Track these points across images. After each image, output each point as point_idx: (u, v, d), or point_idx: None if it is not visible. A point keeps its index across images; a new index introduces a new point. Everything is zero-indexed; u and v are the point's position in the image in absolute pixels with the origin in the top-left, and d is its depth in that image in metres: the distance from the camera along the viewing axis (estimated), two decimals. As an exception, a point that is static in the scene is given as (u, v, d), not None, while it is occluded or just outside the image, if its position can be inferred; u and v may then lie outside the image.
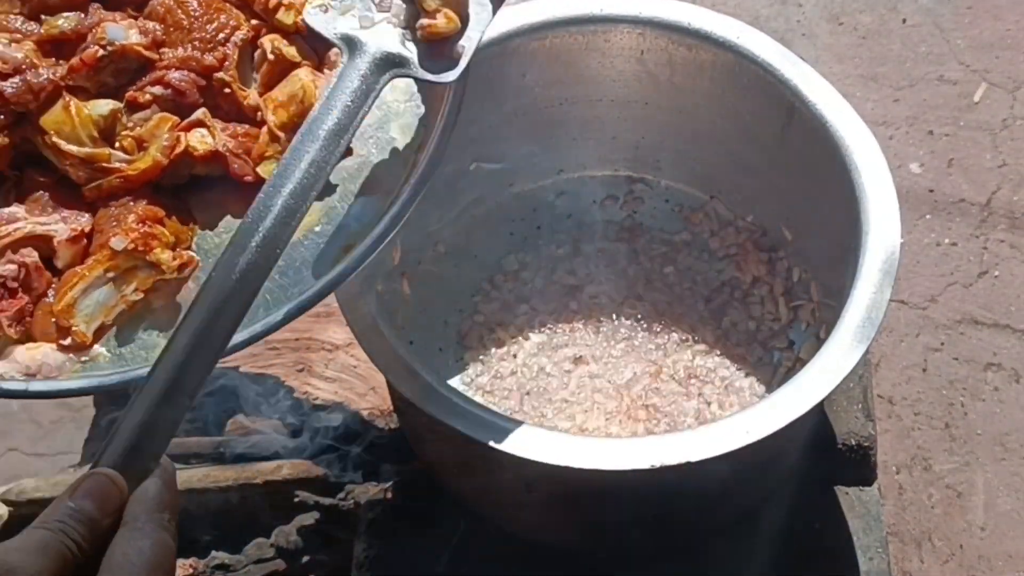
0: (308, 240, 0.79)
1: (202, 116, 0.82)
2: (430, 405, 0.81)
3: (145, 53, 0.83)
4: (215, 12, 0.85)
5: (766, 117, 1.04)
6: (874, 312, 0.83)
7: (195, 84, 0.83)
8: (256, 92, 0.85)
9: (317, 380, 1.22)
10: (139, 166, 0.80)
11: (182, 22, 0.84)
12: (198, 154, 0.80)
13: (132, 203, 0.79)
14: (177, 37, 0.84)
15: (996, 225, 1.86)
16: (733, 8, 2.19)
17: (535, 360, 1.10)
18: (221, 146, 0.81)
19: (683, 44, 1.04)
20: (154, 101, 0.82)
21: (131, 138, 0.81)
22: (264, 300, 0.75)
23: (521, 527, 1.01)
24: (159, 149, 0.80)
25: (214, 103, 0.84)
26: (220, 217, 0.81)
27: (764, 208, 1.16)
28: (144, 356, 0.75)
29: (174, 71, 0.83)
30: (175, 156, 0.80)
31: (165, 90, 0.82)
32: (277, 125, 0.81)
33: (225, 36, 0.85)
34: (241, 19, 0.86)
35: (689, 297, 1.15)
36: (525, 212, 1.20)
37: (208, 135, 0.81)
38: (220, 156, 0.80)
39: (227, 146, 0.81)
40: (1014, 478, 1.58)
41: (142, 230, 0.76)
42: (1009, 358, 1.70)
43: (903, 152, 1.96)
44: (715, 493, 0.93)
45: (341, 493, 1.16)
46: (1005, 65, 2.10)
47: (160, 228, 0.78)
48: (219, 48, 0.84)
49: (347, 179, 0.82)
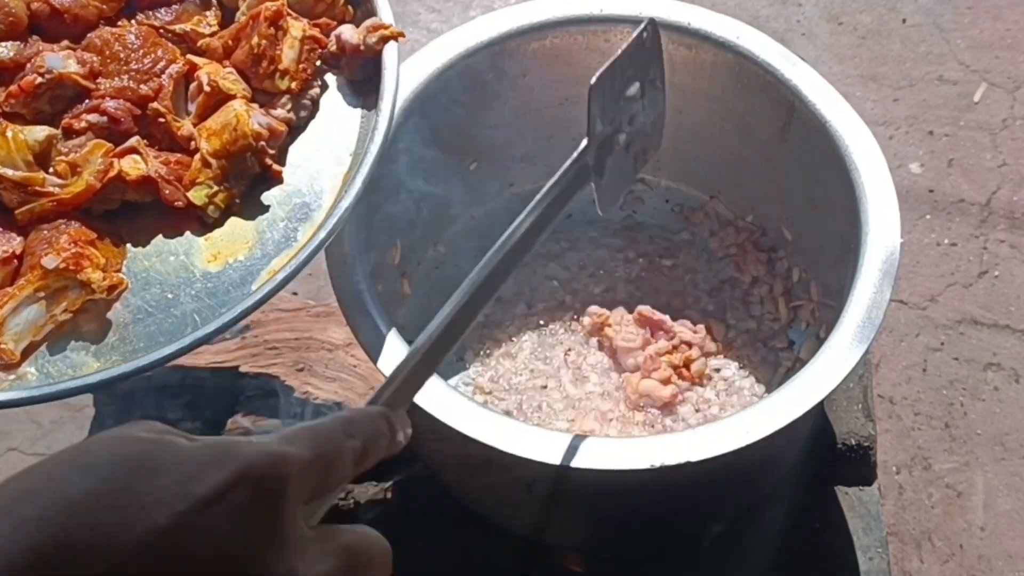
0: (236, 264, 0.82)
1: (135, 143, 0.85)
2: (430, 405, 0.81)
3: (82, 82, 0.86)
4: (152, 46, 0.89)
5: (766, 117, 1.04)
6: (874, 312, 0.84)
7: (130, 113, 0.86)
8: (190, 123, 0.87)
9: (317, 380, 1.22)
10: (72, 189, 0.82)
11: (119, 54, 0.88)
12: (130, 179, 0.82)
13: (64, 225, 0.81)
14: (114, 68, 0.88)
15: (996, 225, 1.86)
16: (733, 8, 2.19)
17: (534, 360, 1.10)
18: (153, 172, 0.83)
19: (683, 44, 1.04)
20: (89, 128, 0.85)
21: (65, 163, 0.83)
22: (193, 320, 0.79)
23: (521, 527, 1.01)
24: (92, 173, 0.82)
25: (148, 133, 0.87)
26: (150, 240, 0.84)
27: (764, 208, 1.16)
28: (71, 373, 0.77)
29: (110, 100, 0.86)
30: (108, 180, 0.82)
31: (101, 118, 0.85)
32: (210, 152, 0.84)
33: (161, 68, 0.88)
34: (177, 53, 0.90)
35: (689, 297, 1.15)
36: (525, 212, 1.20)
37: (141, 161, 0.83)
38: (152, 181, 0.83)
39: (159, 172, 0.83)
40: (1014, 478, 1.58)
41: (74, 250, 0.78)
42: (1009, 358, 1.70)
43: (903, 152, 1.97)
44: (715, 493, 0.93)
45: (341, 493, 1.16)
46: (1005, 65, 2.10)
47: (91, 249, 0.80)
48: (155, 79, 0.87)
49: (276, 205, 0.85)
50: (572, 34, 1.06)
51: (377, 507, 1.11)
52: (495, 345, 1.12)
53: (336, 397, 1.19)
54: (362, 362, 1.22)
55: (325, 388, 1.21)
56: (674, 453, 0.77)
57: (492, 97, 1.07)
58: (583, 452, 0.78)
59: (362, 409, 0.55)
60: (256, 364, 1.24)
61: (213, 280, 0.80)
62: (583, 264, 1.17)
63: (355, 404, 1.19)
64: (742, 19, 1.03)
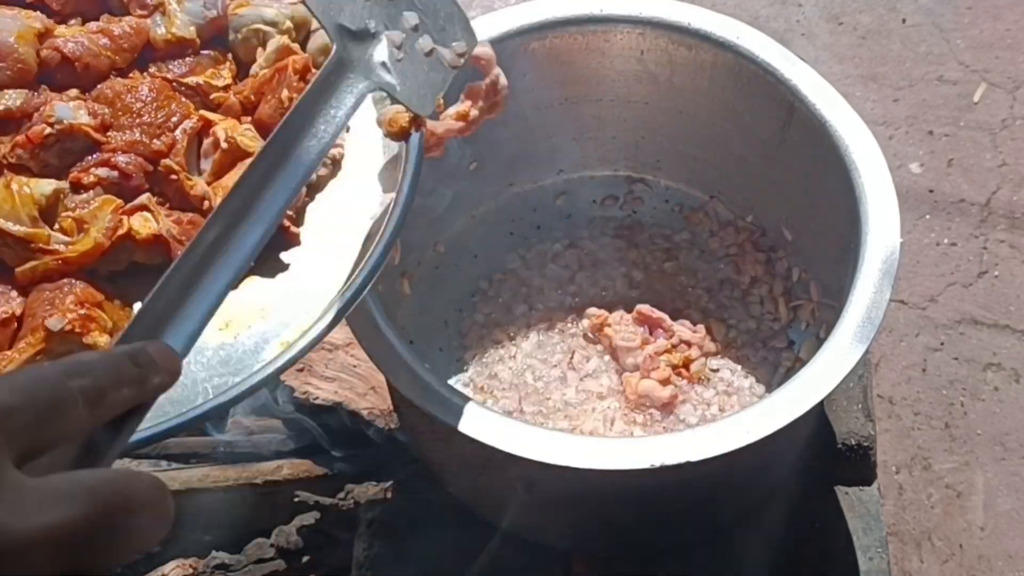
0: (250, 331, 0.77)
1: (146, 200, 0.80)
2: (430, 405, 0.81)
3: (93, 134, 0.81)
4: (165, 100, 0.85)
5: (766, 117, 1.04)
6: (874, 312, 0.84)
7: (142, 168, 0.81)
8: (204, 181, 0.83)
9: (317, 380, 1.21)
10: (78, 248, 0.77)
11: (131, 106, 0.84)
12: (140, 237, 0.78)
13: (68, 286, 0.76)
14: (126, 121, 0.83)
15: (996, 225, 1.86)
16: (733, 8, 2.19)
17: (534, 360, 1.10)
18: (165, 231, 0.78)
19: (683, 44, 1.04)
20: (98, 183, 0.80)
21: (72, 219, 0.78)
22: (204, 390, 0.73)
23: (521, 527, 1.01)
24: (100, 231, 0.77)
25: (160, 190, 0.82)
26: None
27: (764, 208, 1.16)
28: None
29: (121, 154, 0.81)
30: (116, 239, 0.77)
31: (111, 172, 0.80)
32: None
33: (174, 123, 0.84)
34: (190, 108, 0.86)
35: (689, 297, 1.15)
36: (525, 212, 1.20)
37: (152, 219, 0.79)
38: (163, 241, 0.78)
39: (171, 231, 0.79)
40: (1014, 478, 1.57)
41: (80, 312, 0.74)
42: (1009, 358, 1.70)
43: (903, 152, 1.96)
44: (715, 493, 0.93)
45: (341, 493, 1.16)
46: (1005, 65, 2.10)
47: (99, 311, 0.75)
48: (167, 134, 0.83)
49: (286, 278, 0.80)
50: (572, 34, 1.06)
51: (377, 507, 1.11)
52: (495, 345, 1.12)
53: (336, 397, 1.19)
54: (362, 362, 1.22)
55: (325, 388, 1.21)
56: (674, 453, 0.77)
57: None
58: (583, 452, 0.78)
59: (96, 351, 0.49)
60: (256, 364, 1.24)
61: (226, 348, 0.74)
62: (583, 264, 1.17)
63: (355, 404, 1.19)
64: (742, 19, 1.03)
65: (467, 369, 1.11)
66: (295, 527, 1.18)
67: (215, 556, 1.18)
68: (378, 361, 0.85)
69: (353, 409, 1.18)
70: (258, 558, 1.18)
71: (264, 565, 1.17)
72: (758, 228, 1.17)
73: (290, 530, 1.17)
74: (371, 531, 1.09)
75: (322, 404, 1.20)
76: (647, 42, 1.06)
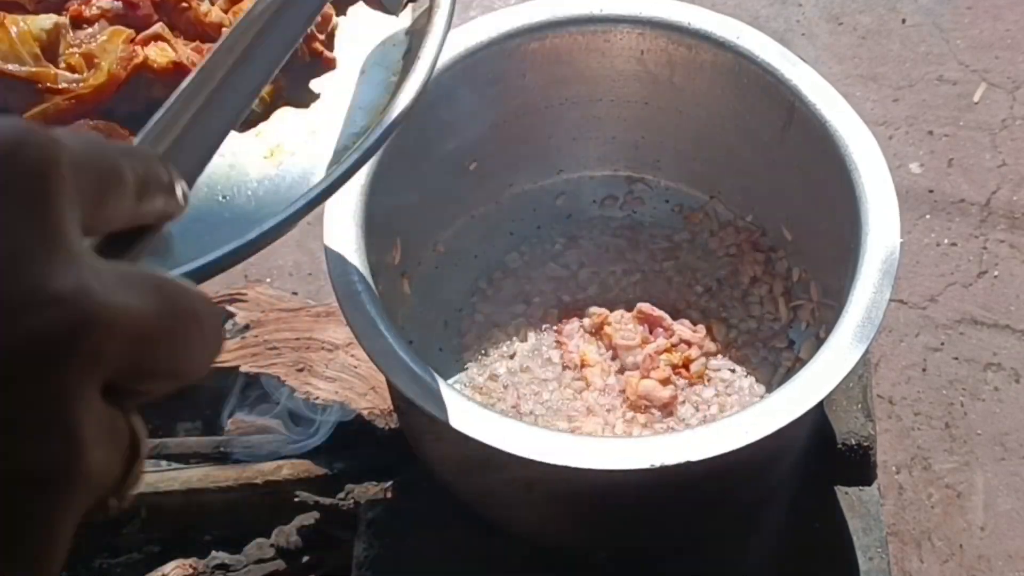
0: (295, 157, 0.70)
1: (160, 30, 0.73)
2: (430, 405, 0.81)
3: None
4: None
5: (766, 117, 1.04)
6: (874, 312, 0.84)
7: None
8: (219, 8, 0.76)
9: (317, 380, 1.22)
10: (92, 83, 0.69)
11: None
12: (159, 67, 0.70)
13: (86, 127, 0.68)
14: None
15: (996, 225, 1.86)
16: (733, 8, 2.19)
17: (534, 360, 1.10)
18: (185, 58, 0.71)
19: (683, 44, 1.04)
20: (102, 15, 0.72)
21: (79, 55, 0.70)
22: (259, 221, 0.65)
23: (521, 527, 1.01)
24: (115, 63, 0.70)
25: (168, 20, 0.74)
26: None
27: (764, 208, 1.16)
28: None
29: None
30: (132, 69, 0.70)
31: (115, 3, 0.73)
32: None
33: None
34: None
35: (689, 297, 1.15)
36: (525, 212, 1.20)
37: (169, 48, 0.71)
38: (184, 69, 0.70)
39: (191, 60, 0.71)
40: (1014, 478, 1.57)
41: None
42: (1009, 358, 1.70)
43: (903, 152, 1.96)
44: (715, 493, 0.93)
45: (341, 493, 1.16)
46: (1005, 65, 2.10)
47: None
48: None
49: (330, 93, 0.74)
50: (572, 34, 1.06)
51: (377, 507, 1.11)
52: (494, 345, 1.12)
53: (336, 397, 1.19)
54: (362, 362, 1.22)
55: (325, 388, 1.21)
56: (674, 453, 0.77)
57: (492, 97, 1.07)
58: (583, 452, 0.78)
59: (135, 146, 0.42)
60: (256, 364, 1.24)
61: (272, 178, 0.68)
62: (583, 263, 1.17)
63: (355, 404, 1.19)
64: (742, 19, 1.03)
65: (467, 369, 1.11)
66: (295, 527, 1.17)
67: (215, 556, 1.18)
68: (378, 361, 0.85)
69: (353, 409, 1.18)
70: (258, 558, 1.18)
71: (264, 565, 1.17)
72: (758, 228, 1.17)
73: (290, 530, 1.17)
74: (371, 531, 1.09)
75: (322, 404, 1.20)
76: (647, 42, 1.06)
